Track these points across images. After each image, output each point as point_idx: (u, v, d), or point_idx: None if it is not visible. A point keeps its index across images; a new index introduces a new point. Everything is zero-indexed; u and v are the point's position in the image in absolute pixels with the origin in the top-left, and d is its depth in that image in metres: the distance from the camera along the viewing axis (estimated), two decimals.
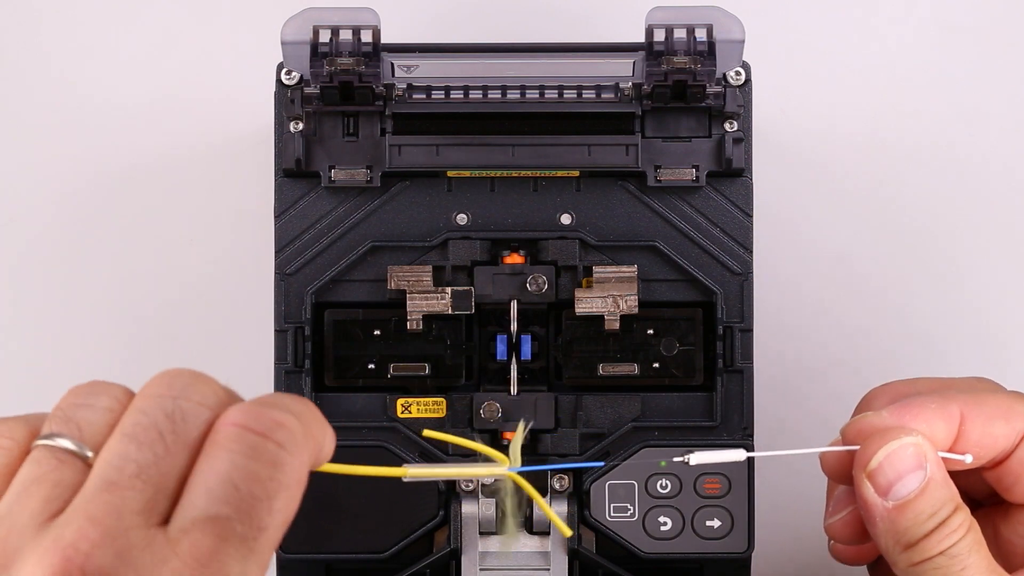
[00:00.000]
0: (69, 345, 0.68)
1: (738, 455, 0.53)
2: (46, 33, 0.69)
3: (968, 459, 0.53)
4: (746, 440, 0.59)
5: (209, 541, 0.40)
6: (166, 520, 0.41)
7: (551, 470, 0.59)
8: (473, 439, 0.52)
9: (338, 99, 0.58)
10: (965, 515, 0.52)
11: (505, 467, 0.49)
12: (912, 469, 0.52)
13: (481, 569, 0.59)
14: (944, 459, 0.52)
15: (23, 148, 0.69)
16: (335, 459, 0.45)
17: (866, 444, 0.52)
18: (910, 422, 0.52)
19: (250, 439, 0.42)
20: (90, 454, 0.42)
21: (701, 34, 0.57)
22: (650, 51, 0.57)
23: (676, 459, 0.53)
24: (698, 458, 0.53)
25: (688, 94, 0.58)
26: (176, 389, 0.43)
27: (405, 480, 0.47)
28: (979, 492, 0.56)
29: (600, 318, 0.58)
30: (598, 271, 0.58)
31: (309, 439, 0.43)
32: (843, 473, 0.54)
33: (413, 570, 0.59)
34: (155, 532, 0.40)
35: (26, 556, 0.40)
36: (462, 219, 0.59)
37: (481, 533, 0.59)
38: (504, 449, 0.59)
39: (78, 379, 0.67)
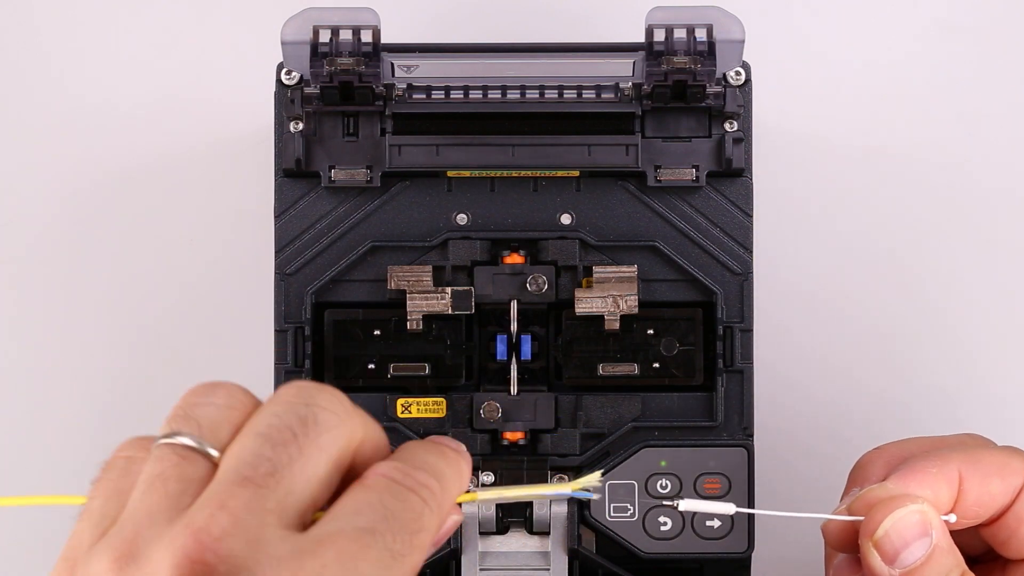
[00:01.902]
0: (69, 345, 0.68)
1: (727, 508, 0.53)
2: (46, 34, 0.69)
3: (952, 519, 0.53)
4: (746, 440, 0.59)
5: (354, 546, 0.41)
6: (298, 525, 0.41)
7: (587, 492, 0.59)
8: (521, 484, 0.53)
9: (338, 99, 0.58)
10: None
11: (569, 489, 0.48)
12: (918, 536, 0.52)
13: (481, 569, 0.59)
14: None
15: (23, 148, 0.69)
16: None
17: (872, 512, 0.52)
18: (915, 489, 0.53)
19: (398, 490, 0.43)
20: (212, 451, 0.42)
21: (701, 34, 0.57)
22: (650, 51, 0.57)
23: (666, 503, 0.53)
24: (688, 505, 0.52)
25: (688, 94, 0.58)
26: (307, 397, 0.43)
27: (480, 502, 0.47)
28: (976, 549, 0.56)
29: (600, 318, 0.58)
30: (598, 271, 0.58)
31: (446, 497, 0.44)
32: (846, 543, 0.54)
33: None
34: (288, 531, 0.41)
35: (155, 545, 0.40)
36: (462, 219, 0.59)
37: (481, 533, 0.59)
38: (504, 448, 0.59)
39: (78, 380, 0.68)
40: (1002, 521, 0.54)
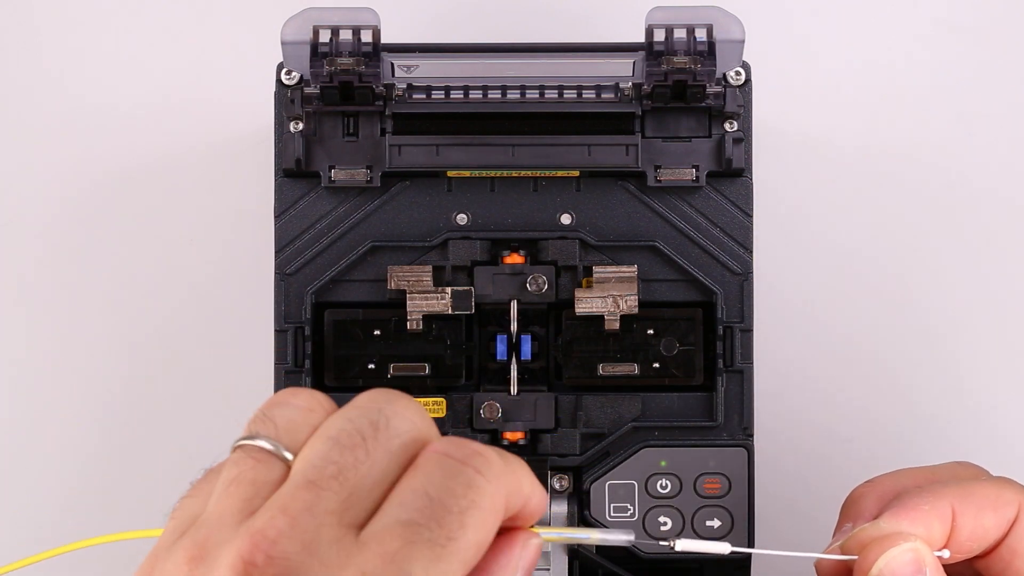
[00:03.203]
0: (69, 345, 0.68)
1: (723, 548, 0.52)
2: (45, 34, 0.69)
3: (946, 555, 0.53)
4: (746, 440, 0.59)
5: (397, 543, 0.41)
6: (360, 526, 0.42)
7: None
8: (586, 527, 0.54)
9: (338, 99, 0.58)
10: None
11: (630, 535, 0.49)
12: (911, 575, 0.52)
13: None
14: None
15: (23, 148, 0.69)
16: None
17: (866, 551, 0.52)
18: (908, 526, 0.52)
19: (448, 462, 0.43)
20: (288, 455, 0.43)
21: (701, 34, 0.57)
22: (650, 51, 0.57)
23: (662, 543, 0.52)
24: (683, 545, 0.52)
25: (688, 94, 0.58)
26: (382, 402, 0.43)
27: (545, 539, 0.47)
28: None
29: (600, 318, 0.58)
30: (598, 271, 0.58)
31: (508, 475, 0.43)
32: None
33: None
34: (345, 532, 0.41)
35: (222, 548, 0.41)
36: (462, 219, 0.59)
37: None
38: (504, 448, 0.59)
39: (77, 380, 0.68)
40: (996, 554, 0.54)
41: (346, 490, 0.42)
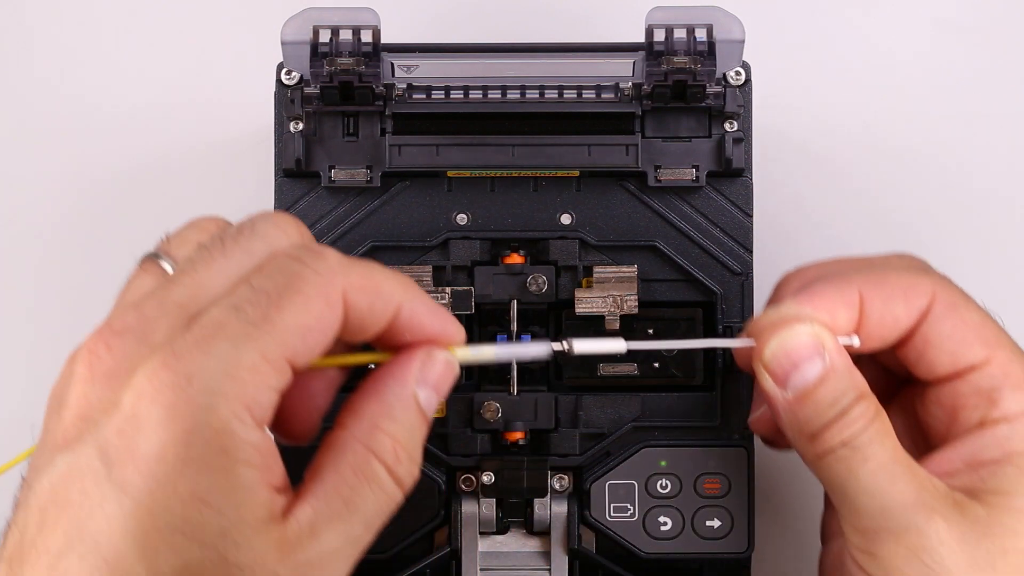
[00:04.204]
0: (71, 346, 0.68)
1: (618, 345, 0.53)
2: (45, 34, 0.69)
3: (855, 342, 0.52)
4: (746, 440, 0.59)
5: (212, 328, 0.45)
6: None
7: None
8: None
9: (338, 99, 0.58)
10: (869, 405, 0.51)
11: (546, 347, 0.51)
12: (808, 358, 0.51)
13: (481, 569, 0.59)
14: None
15: (23, 149, 0.69)
16: None
17: (760, 335, 0.52)
18: (810, 312, 0.52)
19: (282, 259, 0.46)
20: (167, 264, 0.49)
21: (701, 34, 0.57)
22: (650, 51, 0.57)
23: (555, 346, 0.52)
24: (580, 346, 0.52)
25: (688, 94, 0.58)
26: (259, 215, 0.48)
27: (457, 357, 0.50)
28: (902, 372, 0.55)
29: (600, 318, 0.58)
30: (598, 271, 0.58)
31: (349, 272, 0.47)
32: (773, 431, 0.55)
33: (413, 570, 0.59)
34: (184, 322, 0.45)
35: (83, 344, 0.47)
36: (462, 219, 0.59)
37: (481, 533, 0.59)
38: (504, 448, 0.59)
39: None
40: (911, 343, 0.53)
41: (195, 283, 0.46)
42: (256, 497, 0.44)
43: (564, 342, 0.52)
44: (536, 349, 0.52)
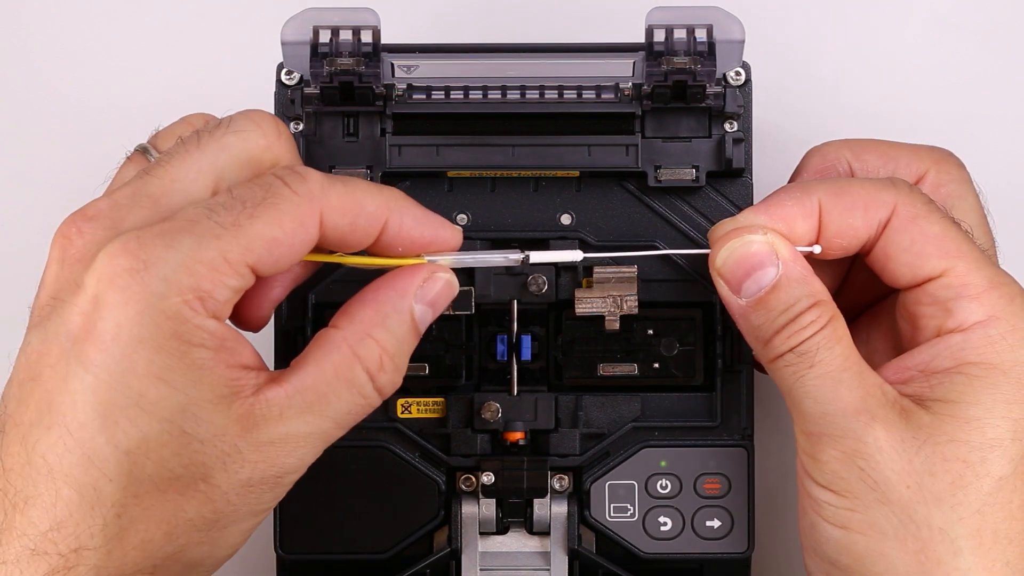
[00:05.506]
0: None
1: (575, 255, 0.56)
2: (45, 35, 0.69)
3: (816, 249, 0.53)
4: (746, 440, 0.59)
5: (182, 223, 0.47)
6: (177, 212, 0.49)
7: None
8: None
9: (338, 99, 0.58)
10: (823, 312, 0.52)
11: (520, 254, 0.54)
12: (760, 266, 0.52)
13: (481, 569, 0.59)
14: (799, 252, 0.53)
15: (23, 150, 0.69)
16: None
17: (715, 244, 0.54)
18: (765, 220, 0.53)
19: (266, 176, 0.49)
20: (152, 154, 0.52)
21: (701, 34, 0.57)
22: (650, 51, 0.57)
23: (511, 256, 0.55)
24: (536, 257, 0.55)
25: (688, 94, 0.58)
26: (239, 112, 0.51)
27: (427, 260, 0.52)
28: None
29: (600, 318, 0.58)
30: (598, 271, 0.58)
31: (332, 192, 0.49)
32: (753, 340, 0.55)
33: (413, 570, 0.59)
34: (155, 215, 0.48)
35: (60, 228, 0.50)
36: (462, 219, 0.59)
37: (481, 533, 0.59)
38: (504, 448, 0.59)
39: None
40: (873, 255, 0.54)
41: (168, 175, 0.49)
42: (212, 375, 0.47)
43: (522, 252, 0.55)
44: (496, 258, 0.55)
